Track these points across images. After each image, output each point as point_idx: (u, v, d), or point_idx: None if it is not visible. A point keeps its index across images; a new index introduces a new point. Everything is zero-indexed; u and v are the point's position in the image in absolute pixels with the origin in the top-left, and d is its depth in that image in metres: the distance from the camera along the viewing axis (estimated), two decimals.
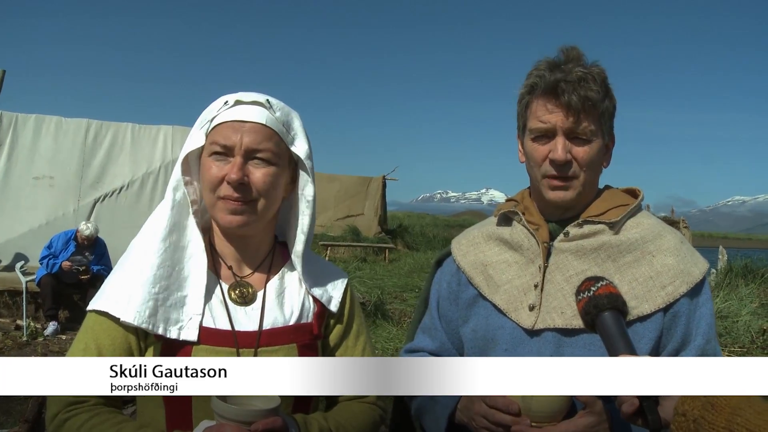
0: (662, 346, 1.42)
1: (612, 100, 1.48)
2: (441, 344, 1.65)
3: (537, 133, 1.47)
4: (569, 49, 1.47)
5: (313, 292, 1.47)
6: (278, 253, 1.50)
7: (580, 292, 1.27)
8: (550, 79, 1.43)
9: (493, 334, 1.50)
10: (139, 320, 1.30)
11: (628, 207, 1.51)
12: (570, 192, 1.47)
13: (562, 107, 1.42)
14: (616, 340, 1.18)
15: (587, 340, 1.41)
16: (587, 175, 1.47)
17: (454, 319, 1.63)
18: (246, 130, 1.33)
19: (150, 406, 1.34)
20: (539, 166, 1.48)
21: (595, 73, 1.44)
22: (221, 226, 1.40)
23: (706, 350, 1.42)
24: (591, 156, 1.45)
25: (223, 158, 1.34)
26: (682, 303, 1.43)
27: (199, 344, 1.32)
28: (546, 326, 1.44)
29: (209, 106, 1.41)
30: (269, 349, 1.37)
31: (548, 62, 1.48)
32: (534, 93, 1.48)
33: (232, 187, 1.32)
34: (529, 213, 1.57)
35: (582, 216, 1.51)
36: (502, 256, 1.58)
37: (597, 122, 1.45)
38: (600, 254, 1.46)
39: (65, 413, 1.28)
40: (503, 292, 1.52)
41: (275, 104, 1.39)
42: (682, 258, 1.46)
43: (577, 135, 1.44)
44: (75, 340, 1.38)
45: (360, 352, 1.54)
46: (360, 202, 21.59)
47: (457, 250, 1.67)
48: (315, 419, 1.36)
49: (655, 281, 1.43)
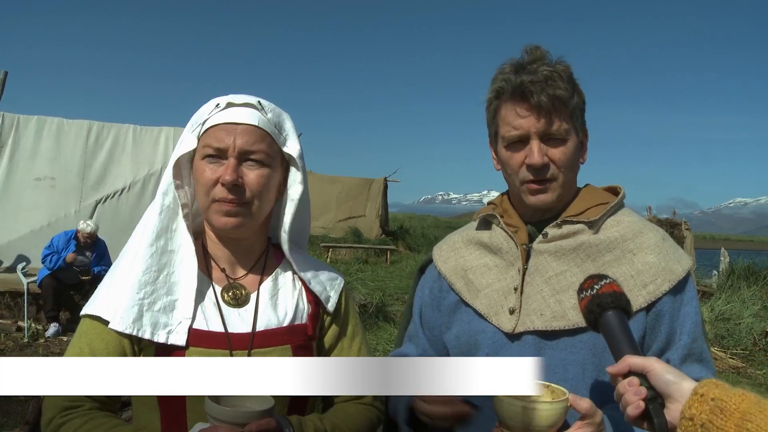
0: (646, 347, 1.39)
1: (581, 96, 1.45)
2: (423, 351, 1.64)
3: (510, 140, 1.44)
4: (533, 48, 1.44)
5: (313, 289, 1.47)
6: (271, 255, 1.50)
7: (583, 290, 1.25)
8: (516, 82, 1.40)
9: (475, 339, 1.48)
10: (123, 326, 1.30)
11: (608, 205, 1.48)
12: (550, 194, 1.44)
13: (533, 109, 1.39)
14: (620, 339, 1.16)
15: (568, 342, 1.39)
16: (566, 176, 1.45)
17: (438, 325, 1.61)
18: (239, 132, 1.33)
19: (145, 409, 1.33)
20: (516, 173, 1.45)
21: (561, 71, 1.40)
22: (216, 228, 1.39)
23: (693, 349, 1.40)
24: (568, 156, 1.43)
25: (216, 161, 1.34)
26: (664, 302, 1.39)
27: (192, 347, 1.31)
28: (526, 329, 1.41)
29: (200, 110, 1.40)
30: (263, 351, 1.36)
31: (512, 64, 1.45)
32: (501, 97, 1.45)
33: (226, 189, 1.32)
34: (508, 216, 1.55)
35: (561, 216, 1.48)
36: (482, 260, 1.55)
37: (569, 120, 1.42)
38: (579, 254, 1.44)
39: (60, 418, 1.27)
40: (483, 296, 1.50)
41: (266, 106, 1.39)
42: (663, 255, 1.43)
43: (552, 135, 1.41)
44: (70, 345, 1.38)
45: (356, 353, 1.53)
46: (361, 203, 21.59)
47: (438, 256, 1.66)
48: (310, 420, 1.35)
49: (636, 280, 1.40)
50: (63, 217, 9.66)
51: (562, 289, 1.41)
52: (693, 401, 1.01)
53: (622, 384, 1.11)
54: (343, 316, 1.53)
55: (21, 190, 9.80)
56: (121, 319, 1.30)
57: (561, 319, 1.39)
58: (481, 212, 1.62)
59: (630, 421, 1.09)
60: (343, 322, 1.53)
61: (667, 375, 1.07)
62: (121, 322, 1.30)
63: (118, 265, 1.41)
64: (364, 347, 1.57)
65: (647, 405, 1.06)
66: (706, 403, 1.00)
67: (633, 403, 1.07)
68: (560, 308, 1.39)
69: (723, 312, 9.04)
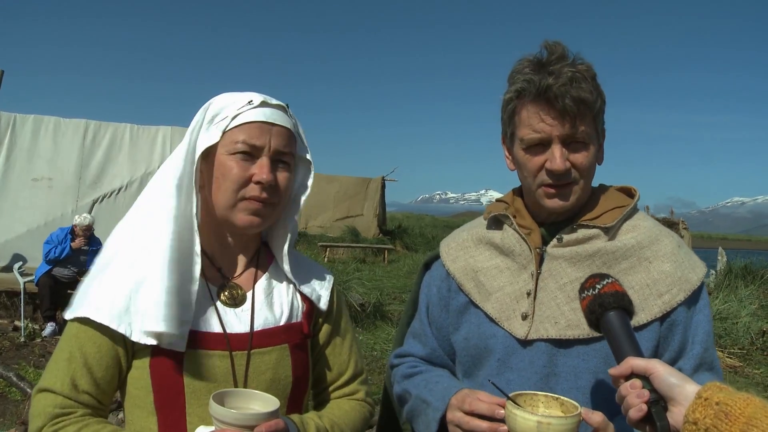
0: (659, 356, 1.37)
1: (602, 96, 1.39)
2: (432, 350, 1.61)
3: (530, 143, 1.39)
4: (553, 45, 1.38)
5: (302, 290, 1.46)
6: (263, 253, 1.49)
7: (585, 289, 1.23)
8: (541, 85, 1.33)
9: (486, 343, 1.45)
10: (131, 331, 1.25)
11: (624, 209, 1.45)
12: (569, 199, 1.41)
13: (557, 114, 1.34)
14: (622, 341, 1.15)
15: (581, 350, 1.36)
16: (587, 180, 1.42)
17: (445, 326, 1.58)
18: (274, 133, 1.33)
19: (140, 413, 1.30)
20: (534, 176, 1.41)
21: (584, 71, 1.35)
22: (237, 226, 1.35)
23: (704, 358, 1.38)
24: (590, 160, 1.39)
25: (248, 158, 1.32)
26: (679, 311, 1.37)
27: (190, 349, 1.28)
28: (539, 336, 1.38)
29: (220, 102, 1.36)
30: (262, 351, 1.35)
31: (533, 62, 1.39)
32: (522, 98, 1.39)
33: (260, 188, 1.31)
34: (521, 216, 1.50)
35: (576, 220, 1.45)
36: (493, 261, 1.51)
37: (593, 124, 1.38)
38: (595, 261, 1.40)
39: (51, 426, 1.22)
40: (495, 299, 1.46)
41: (289, 110, 1.41)
42: (679, 264, 1.41)
43: (575, 140, 1.36)
44: (57, 349, 1.30)
45: (348, 350, 1.54)
46: (359, 202, 21.58)
47: (446, 255, 1.61)
48: (310, 418, 1.35)
49: (652, 289, 1.37)
50: (60, 217, 9.64)
51: (577, 297, 1.36)
52: (697, 405, 1.00)
53: (624, 386, 1.09)
54: (335, 314, 1.54)
55: (18, 189, 9.78)
56: (131, 323, 1.25)
57: (576, 328, 1.36)
58: (491, 210, 1.57)
59: (632, 424, 1.08)
60: (336, 319, 1.54)
61: (670, 377, 1.06)
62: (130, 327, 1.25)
63: (117, 267, 1.32)
64: (355, 344, 1.58)
65: (650, 408, 1.05)
66: (710, 407, 0.98)
67: (635, 405, 1.06)
68: (575, 317, 1.36)
69: (720, 311, 9.05)
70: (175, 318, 1.25)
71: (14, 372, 5.42)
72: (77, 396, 1.25)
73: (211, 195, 1.35)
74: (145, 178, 10.25)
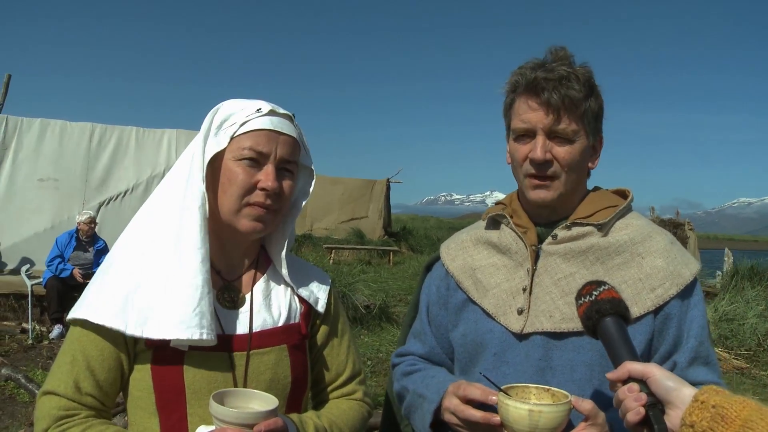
0: (654, 349, 1.41)
1: (597, 100, 1.45)
2: (430, 349, 1.65)
3: (518, 132, 1.46)
4: (558, 49, 1.45)
5: (299, 293, 1.48)
6: (262, 256, 1.51)
7: (581, 296, 1.25)
8: (530, 77, 1.41)
9: (482, 339, 1.49)
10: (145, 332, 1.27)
11: (617, 208, 1.49)
12: (551, 191, 1.45)
13: (542, 105, 1.40)
14: (618, 346, 1.16)
15: (576, 343, 1.40)
16: (569, 176, 1.45)
17: (444, 323, 1.62)
18: (281, 142, 1.36)
19: (142, 414, 1.32)
20: (521, 165, 1.47)
21: (579, 73, 1.41)
22: (240, 231, 1.37)
23: (699, 352, 1.41)
24: (573, 156, 1.43)
25: (254, 164, 1.34)
26: (672, 305, 1.41)
27: (190, 350, 1.30)
28: (534, 330, 1.42)
29: (231, 109, 1.38)
30: (260, 352, 1.37)
31: (534, 62, 1.46)
32: (516, 91, 1.46)
33: (265, 195, 1.33)
34: (517, 216, 1.55)
35: (570, 218, 1.49)
36: (491, 259, 1.56)
37: (579, 122, 1.42)
38: (588, 256, 1.45)
39: (56, 428, 1.25)
40: (492, 296, 1.51)
41: (294, 120, 1.44)
42: (671, 260, 1.45)
43: (558, 134, 1.41)
44: (61, 353, 1.34)
45: (345, 351, 1.57)
46: (364, 204, 21.58)
47: (446, 255, 1.66)
48: (309, 418, 1.38)
49: (645, 283, 1.41)
50: (66, 220, 9.69)
51: (571, 291, 1.40)
52: (694, 408, 1.01)
53: (621, 390, 1.10)
54: (332, 315, 1.56)
55: (24, 192, 9.84)
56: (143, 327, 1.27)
57: (570, 321, 1.40)
58: (490, 212, 1.62)
59: (629, 427, 1.08)
60: (333, 321, 1.56)
61: (667, 381, 1.06)
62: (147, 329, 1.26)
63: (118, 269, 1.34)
64: (353, 345, 1.60)
65: (647, 411, 1.06)
66: (707, 410, 0.99)
67: (633, 409, 1.06)
68: (569, 310, 1.40)
69: (727, 312, 9.01)
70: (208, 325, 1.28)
71: (23, 374, 5.47)
72: (81, 398, 1.28)
73: (216, 199, 1.37)
74: (151, 181, 10.30)
